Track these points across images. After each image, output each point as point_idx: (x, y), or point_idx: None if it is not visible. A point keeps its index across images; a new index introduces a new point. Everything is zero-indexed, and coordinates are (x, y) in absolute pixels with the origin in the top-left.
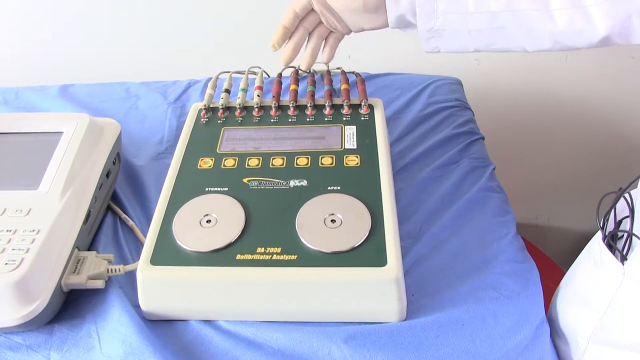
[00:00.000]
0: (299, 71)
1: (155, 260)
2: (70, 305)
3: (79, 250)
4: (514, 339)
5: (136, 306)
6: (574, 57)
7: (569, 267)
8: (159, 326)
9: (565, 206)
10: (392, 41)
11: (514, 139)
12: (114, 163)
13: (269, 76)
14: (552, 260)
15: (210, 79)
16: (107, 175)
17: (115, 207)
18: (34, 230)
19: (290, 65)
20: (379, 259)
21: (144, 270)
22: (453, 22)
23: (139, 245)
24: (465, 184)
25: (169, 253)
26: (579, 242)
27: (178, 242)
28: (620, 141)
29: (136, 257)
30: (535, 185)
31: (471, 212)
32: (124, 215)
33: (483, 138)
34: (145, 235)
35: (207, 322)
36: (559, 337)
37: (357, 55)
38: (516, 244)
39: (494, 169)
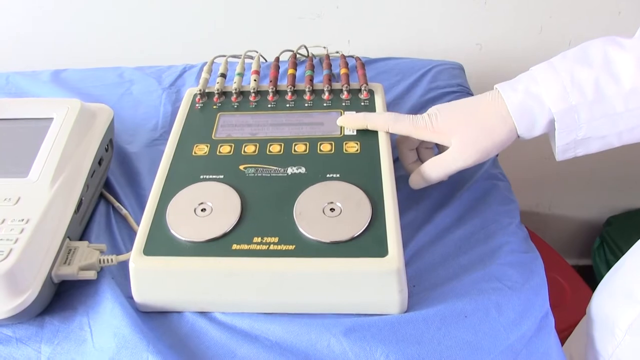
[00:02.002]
0: (297, 55)
1: (148, 250)
2: (61, 297)
3: (70, 240)
4: (518, 331)
5: (129, 297)
6: (577, 43)
7: (570, 255)
8: (153, 318)
9: (566, 194)
10: (393, 25)
11: None
12: (106, 150)
13: (266, 60)
14: (552, 247)
15: (206, 63)
16: (100, 163)
17: (108, 195)
18: (23, 220)
19: (288, 49)
20: (380, 250)
21: (137, 261)
22: (599, 129)
23: (132, 234)
24: (468, 172)
25: (162, 243)
26: (580, 230)
27: (172, 231)
28: None
29: (129, 246)
30: (536, 173)
31: (474, 201)
32: (117, 204)
33: None
34: (138, 224)
35: (203, 313)
36: (595, 328)
37: (356, 39)
38: (520, 233)
39: (497, 155)
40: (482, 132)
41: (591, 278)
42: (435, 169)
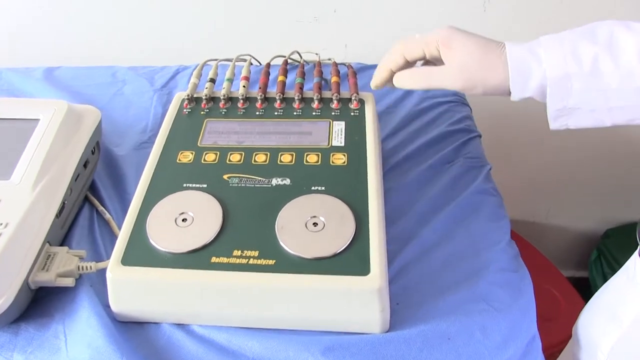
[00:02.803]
0: (290, 61)
1: (127, 260)
2: (38, 303)
3: (50, 245)
4: (503, 356)
5: (107, 306)
6: None
7: (565, 266)
8: (130, 329)
9: (563, 204)
10: (390, 29)
11: (512, 134)
12: (92, 152)
13: (260, 64)
14: (547, 259)
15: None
16: (85, 166)
17: (93, 198)
18: (1, 224)
19: (279, 55)
20: (362, 267)
21: (114, 271)
22: (590, 100)
23: (114, 239)
24: (459, 185)
25: (141, 253)
26: (577, 241)
27: (151, 241)
28: (623, 138)
29: (110, 252)
30: (533, 182)
31: (464, 216)
32: (100, 208)
33: (480, 136)
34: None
35: (180, 325)
36: (580, 349)
37: (354, 44)
38: (510, 251)
39: (490, 169)
40: (481, 64)
41: (587, 290)
42: (418, 75)
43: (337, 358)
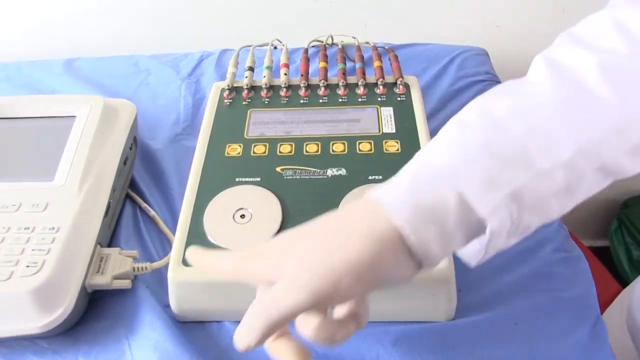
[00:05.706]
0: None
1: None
2: (95, 305)
3: (100, 246)
4: (572, 339)
5: (166, 306)
6: None
7: (585, 236)
8: (192, 329)
9: None
10: (410, 7)
11: None
12: (130, 148)
13: (284, 46)
14: (567, 229)
15: (224, 50)
16: (125, 162)
17: (135, 195)
18: (53, 228)
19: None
20: None
21: (176, 273)
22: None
23: (162, 236)
24: None
25: None
26: (596, 211)
27: (211, 239)
28: None
29: (160, 249)
30: None
31: None
32: (144, 205)
33: None
34: (167, 225)
35: None
36: None
37: (373, 22)
38: (562, 232)
39: None
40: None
41: (609, 261)
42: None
43: (409, 348)
